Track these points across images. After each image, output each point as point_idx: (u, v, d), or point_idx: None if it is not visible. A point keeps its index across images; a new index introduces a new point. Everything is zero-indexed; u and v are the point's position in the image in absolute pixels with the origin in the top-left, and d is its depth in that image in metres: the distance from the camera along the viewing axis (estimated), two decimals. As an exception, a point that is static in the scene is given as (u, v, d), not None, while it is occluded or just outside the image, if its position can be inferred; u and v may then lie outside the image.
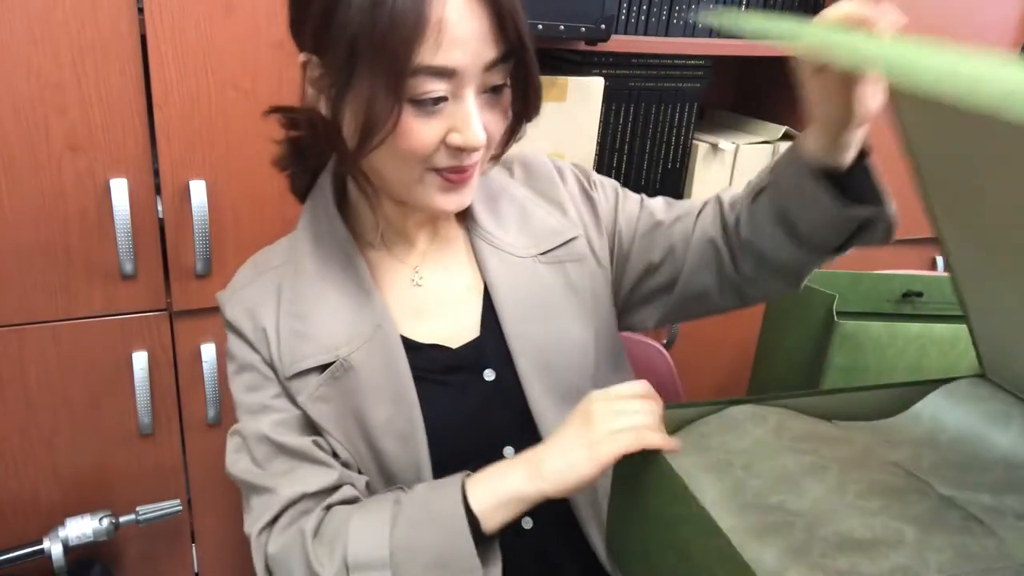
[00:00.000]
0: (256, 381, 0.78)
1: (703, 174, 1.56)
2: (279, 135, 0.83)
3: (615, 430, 0.64)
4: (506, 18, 0.66)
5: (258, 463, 0.76)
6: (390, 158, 0.70)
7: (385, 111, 0.64)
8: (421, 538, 0.68)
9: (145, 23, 1.03)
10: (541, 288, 0.82)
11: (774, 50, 1.52)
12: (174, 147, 1.10)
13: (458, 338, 0.81)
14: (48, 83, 1.02)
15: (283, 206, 1.19)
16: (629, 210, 0.90)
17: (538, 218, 0.85)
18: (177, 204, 1.13)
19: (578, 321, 0.83)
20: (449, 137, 0.68)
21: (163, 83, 1.06)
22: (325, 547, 0.70)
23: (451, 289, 0.83)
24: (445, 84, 0.66)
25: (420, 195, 0.73)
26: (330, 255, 0.79)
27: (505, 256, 0.82)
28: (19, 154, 1.04)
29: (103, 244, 1.12)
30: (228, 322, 0.81)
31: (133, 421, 1.22)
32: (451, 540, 0.67)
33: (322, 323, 0.76)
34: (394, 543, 0.68)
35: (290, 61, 1.11)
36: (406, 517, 0.69)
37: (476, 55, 0.66)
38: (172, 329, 1.20)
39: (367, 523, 0.70)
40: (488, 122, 0.70)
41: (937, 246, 1.84)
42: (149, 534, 1.30)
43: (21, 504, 1.21)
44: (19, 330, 1.12)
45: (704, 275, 0.84)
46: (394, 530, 0.68)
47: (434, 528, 0.68)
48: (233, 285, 0.84)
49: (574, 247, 0.85)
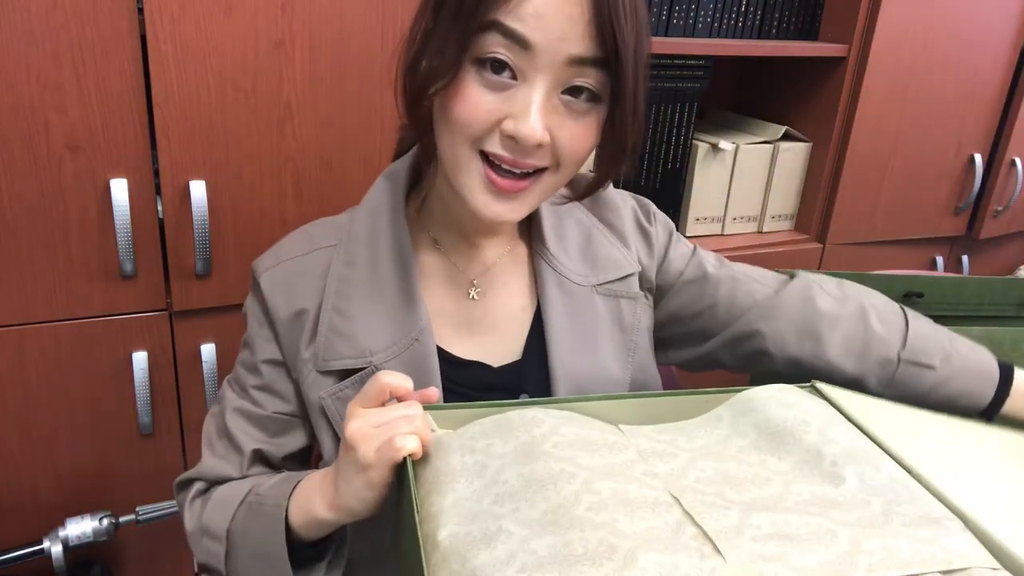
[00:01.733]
0: (252, 363, 0.80)
1: (703, 174, 1.56)
2: (279, 135, 0.83)
3: (377, 447, 0.60)
4: (604, 18, 0.60)
5: (216, 431, 0.81)
6: (445, 125, 0.67)
7: (448, 59, 0.62)
8: (249, 528, 0.72)
9: (145, 23, 1.03)
10: (593, 320, 0.80)
11: (774, 50, 1.52)
12: (174, 147, 1.10)
13: (500, 357, 0.79)
14: (48, 83, 1.02)
15: (283, 206, 1.19)
16: (681, 251, 0.88)
17: (602, 247, 0.83)
18: (177, 204, 1.13)
19: (619, 360, 0.81)
20: (504, 122, 0.64)
21: (163, 83, 1.06)
22: (199, 507, 0.78)
23: (506, 307, 0.81)
24: (515, 55, 0.62)
25: (466, 182, 0.68)
26: (385, 251, 0.77)
27: (564, 282, 0.80)
28: (19, 154, 1.04)
29: (103, 244, 1.12)
30: (260, 291, 0.78)
31: (133, 421, 1.22)
32: (271, 539, 0.69)
33: (363, 325, 0.75)
34: (232, 523, 0.73)
35: (290, 61, 1.12)
36: (247, 504, 0.73)
37: (557, 40, 0.61)
38: (172, 329, 1.21)
39: (227, 498, 0.75)
40: (558, 128, 0.65)
41: (937, 246, 1.85)
42: (149, 534, 1.30)
43: (21, 504, 1.21)
44: (19, 330, 1.12)
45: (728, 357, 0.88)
46: (236, 512, 0.73)
47: (261, 523, 0.71)
48: (279, 253, 0.80)
49: (631, 283, 0.83)
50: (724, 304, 0.85)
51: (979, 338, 0.96)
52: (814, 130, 1.64)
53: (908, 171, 1.68)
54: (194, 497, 0.79)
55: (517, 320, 0.81)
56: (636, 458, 0.62)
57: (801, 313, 0.85)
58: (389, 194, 0.78)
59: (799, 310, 0.85)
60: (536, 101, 0.63)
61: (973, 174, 1.74)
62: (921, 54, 1.58)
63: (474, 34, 0.61)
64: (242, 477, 0.78)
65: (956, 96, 1.66)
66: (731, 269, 0.88)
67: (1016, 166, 1.77)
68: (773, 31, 1.56)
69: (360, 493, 0.62)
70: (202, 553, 0.76)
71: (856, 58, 1.55)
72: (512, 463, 0.58)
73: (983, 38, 1.63)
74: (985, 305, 1.14)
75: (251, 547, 0.72)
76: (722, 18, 1.50)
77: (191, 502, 0.79)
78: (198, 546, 0.77)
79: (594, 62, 0.62)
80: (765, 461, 0.62)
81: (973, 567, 0.50)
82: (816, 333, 0.84)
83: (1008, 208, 1.82)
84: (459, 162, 0.68)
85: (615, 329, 0.81)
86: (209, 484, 0.79)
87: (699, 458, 0.63)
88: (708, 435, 0.66)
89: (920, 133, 1.65)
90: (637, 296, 0.83)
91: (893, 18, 1.52)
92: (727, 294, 0.86)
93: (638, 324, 0.83)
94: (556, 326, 0.79)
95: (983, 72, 1.67)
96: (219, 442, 0.80)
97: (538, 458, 0.58)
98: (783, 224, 1.71)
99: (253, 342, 0.80)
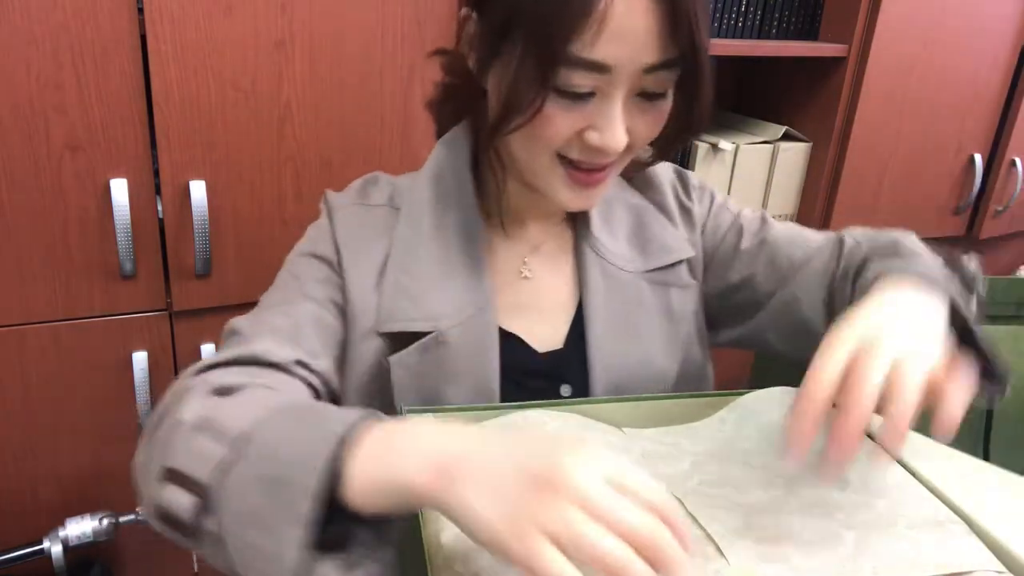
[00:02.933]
0: (321, 276, 0.73)
1: (703, 174, 1.56)
2: (279, 135, 0.82)
3: (568, 540, 0.40)
4: (681, 21, 0.59)
5: (258, 320, 0.70)
6: (522, 138, 0.66)
7: (528, 96, 0.61)
8: (280, 437, 0.50)
9: (145, 23, 1.03)
10: (638, 308, 0.77)
11: (774, 50, 1.52)
12: (174, 147, 1.10)
13: (545, 342, 0.77)
14: (48, 83, 1.02)
15: (283, 206, 1.19)
16: (720, 222, 0.84)
17: (653, 231, 0.80)
18: (177, 204, 1.13)
19: (666, 350, 0.78)
20: (587, 134, 0.64)
21: (163, 83, 1.06)
22: (211, 401, 0.56)
23: (555, 289, 0.79)
24: (596, 79, 0.61)
25: (546, 183, 0.69)
26: (450, 219, 0.75)
27: (609, 268, 0.77)
28: (19, 154, 1.04)
29: (103, 244, 1.11)
30: (331, 217, 0.75)
31: (133, 421, 1.22)
32: (303, 460, 0.47)
33: (430, 288, 0.72)
34: (257, 424, 0.51)
35: (290, 61, 1.11)
36: (293, 410, 0.53)
37: (636, 55, 0.60)
38: (172, 329, 1.20)
39: (258, 401, 0.55)
40: (635, 126, 0.65)
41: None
42: (149, 534, 1.29)
43: (21, 504, 1.21)
44: (19, 330, 1.12)
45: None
46: (271, 415, 0.52)
47: (301, 433, 0.50)
48: (351, 193, 0.79)
49: (682, 270, 0.80)
50: (763, 274, 0.80)
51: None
52: (814, 130, 1.63)
53: (908, 171, 1.68)
54: (211, 392, 0.57)
55: (564, 306, 0.78)
56: (640, 460, 0.62)
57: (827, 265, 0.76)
58: (451, 165, 0.76)
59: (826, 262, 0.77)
60: (618, 114, 0.63)
61: (973, 174, 1.74)
62: (921, 54, 1.58)
63: (554, 69, 0.60)
64: (295, 361, 0.66)
65: (956, 96, 1.66)
66: (774, 232, 0.82)
67: (1016, 166, 1.77)
68: (773, 31, 1.56)
69: (489, 527, 0.42)
70: (183, 454, 0.52)
71: (856, 58, 1.55)
72: None
73: (983, 38, 1.63)
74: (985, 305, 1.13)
75: (268, 468, 0.48)
76: (722, 18, 1.50)
77: (202, 392, 0.57)
78: (178, 444, 0.53)
79: (668, 64, 0.62)
80: (769, 464, 0.62)
81: (978, 570, 0.50)
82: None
83: (1008, 208, 1.82)
84: (538, 168, 0.68)
85: (663, 318, 0.78)
86: (249, 363, 0.63)
87: (703, 461, 0.63)
88: (711, 438, 0.66)
89: (920, 133, 1.65)
90: (688, 285, 0.80)
91: (893, 18, 1.52)
92: (766, 262, 0.80)
93: (687, 312, 0.80)
94: (597, 315, 0.76)
95: (983, 72, 1.67)
96: (282, 321, 0.68)
97: None
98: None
99: (321, 257, 0.75)
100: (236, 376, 0.60)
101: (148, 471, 0.55)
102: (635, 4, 0.58)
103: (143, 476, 0.57)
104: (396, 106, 1.20)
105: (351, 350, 0.73)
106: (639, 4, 0.58)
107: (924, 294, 0.60)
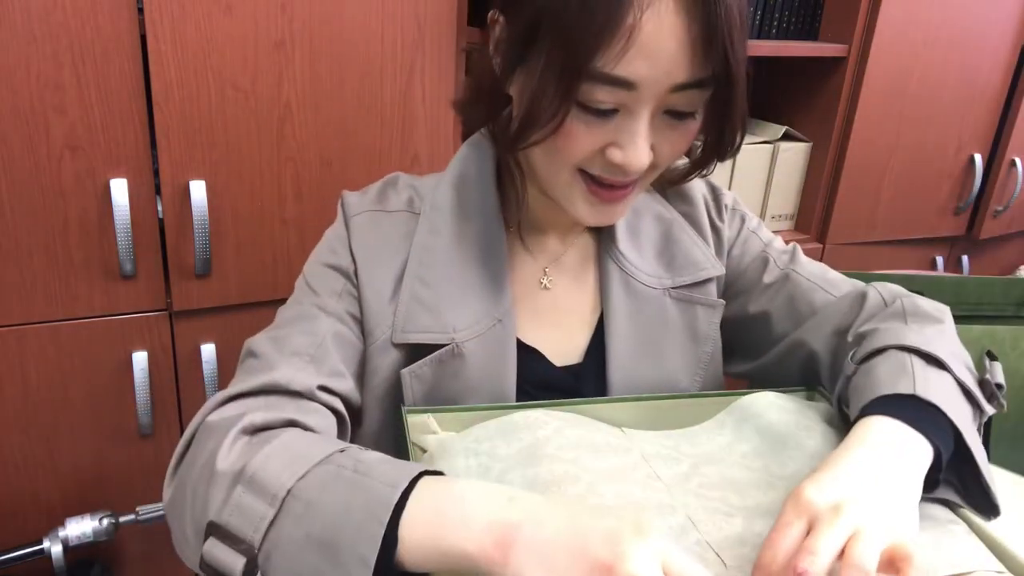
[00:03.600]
0: (339, 288, 0.72)
1: (703, 174, 1.56)
2: (279, 135, 0.80)
3: None
4: (716, 40, 0.56)
5: (278, 341, 0.68)
6: (543, 151, 0.64)
7: (549, 110, 0.59)
8: (328, 500, 0.50)
9: (145, 23, 1.03)
10: (662, 326, 0.75)
11: (774, 50, 1.52)
12: (174, 147, 1.10)
13: (563, 355, 0.75)
14: (48, 83, 1.02)
15: (283, 206, 1.19)
16: (749, 249, 0.81)
17: (682, 245, 0.77)
18: (177, 204, 1.13)
19: (688, 371, 0.76)
20: (609, 150, 0.62)
21: (163, 83, 1.06)
22: (243, 446, 0.56)
23: (575, 301, 0.77)
24: (620, 95, 0.59)
25: (566, 197, 0.67)
26: (471, 228, 0.73)
27: (633, 283, 0.75)
28: (19, 154, 1.04)
29: (103, 244, 1.11)
30: (348, 225, 0.73)
31: (133, 421, 1.22)
32: (362, 530, 0.48)
33: (447, 298, 0.71)
34: (301, 482, 0.51)
35: (290, 61, 1.11)
36: (336, 466, 0.52)
37: (664, 73, 0.57)
38: (172, 329, 1.20)
39: (299, 447, 0.55)
40: (661, 144, 0.63)
41: (937, 246, 1.85)
42: (149, 534, 1.30)
43: (21, 504, 1.21)
44: (19, 330, 1.12)
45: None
46: (313, 469, 0.52)
47: (354, 497, 0.50)
48: (370, 197, 0.76)
49: (710, 289, 0.77)
50: (780, 312, 0.78)
51: (979, 338, 0.96)
52: (814, 130, 1.64)
53: (908, 171, 1.68)
54: (241, 432, 0.57)
55: (584, 319, 0.77)
56: (640, 461, 0.62)
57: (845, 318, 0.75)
58: (476, 165, 0.74)
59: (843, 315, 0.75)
60: (642, 132, 0.61)
61: (973, 174, 1.74)
62: (921, 54, 1.58)
63: (577, 83, 0.58)
64: (318, 386, 0.64)
65: (956, 96, 1.66)
66: (799, 270, 0.80)
67: (1016, 166, 1.77)
68: (773, 31, 1.56)
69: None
70: (227, 510, 0.52)
71: (856, 58, 1.55)
72: (516, 465, 0.58)
73: (983, 38, 1.63)
74: (985, 305, 1.13)
75: (318, 529, 0.49)
76: (722, 18, 1.50)
77: (233, 435, 0.56)
78: (218, 496, 0.53)
79: (699, 83, 0.59)
80: (768, 466, 0.62)
81: (978, 570, 0.50)
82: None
83: (1008, 208, 1.82)
84: (558, 182, 0.66)
85: (686, 337, 0.76)
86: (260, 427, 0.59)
87: (702, 464, 0.63)
88: (711, 440, 0.66)
89: (920, 133, 1.65)
90: (716, 304, 0.77)
91: (893, 18, 1.52)
92: (785, 301, 0.78)
93: (712, 334, 0.77)
94: (618, 332, 0.74)
95: (983, 72, 1.67)
96: (302, 342, 0.66)
97: (542, 460, 0.58)
98: (783, 224, 1.71)
99: (339, 268, 0.73)
100: (263, 411, 0.60)
101: (185, 518, 0.56)
102: (666, 20, 0.55)
103: (177, 519, 0.58)
104: (396, 106, 1.20)
105: (369, 361, 0.72)
106: (670, 20, 0.55)
107: (909, 439, 0.55)
